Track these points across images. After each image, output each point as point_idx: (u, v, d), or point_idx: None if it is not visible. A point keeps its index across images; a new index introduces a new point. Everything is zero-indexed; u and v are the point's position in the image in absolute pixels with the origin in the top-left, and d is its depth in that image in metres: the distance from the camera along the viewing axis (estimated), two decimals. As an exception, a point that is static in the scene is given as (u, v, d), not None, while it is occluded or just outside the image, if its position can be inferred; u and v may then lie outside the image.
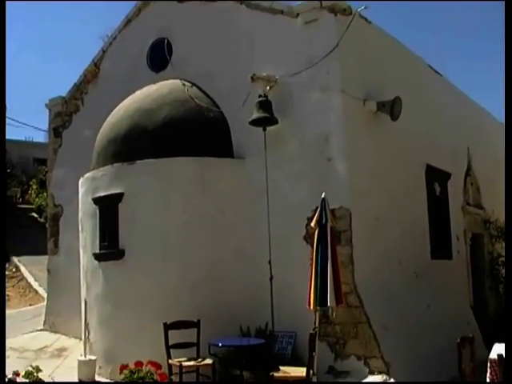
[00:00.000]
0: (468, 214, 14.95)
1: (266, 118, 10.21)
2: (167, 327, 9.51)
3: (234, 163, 11.01)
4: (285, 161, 10.44)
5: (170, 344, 9.47)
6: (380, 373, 9.29)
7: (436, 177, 13.08)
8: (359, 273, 9.81)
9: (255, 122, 10.32)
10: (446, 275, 12.77)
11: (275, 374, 8.42)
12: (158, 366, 8.16)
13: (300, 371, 8.47)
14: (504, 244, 16.04)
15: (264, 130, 10.34)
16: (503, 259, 15.75)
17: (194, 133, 10.94)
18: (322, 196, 9.12)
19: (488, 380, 6.72)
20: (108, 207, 10.97)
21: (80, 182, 12.04)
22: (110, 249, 10.89)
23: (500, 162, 18.52)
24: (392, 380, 9.15)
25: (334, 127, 10.10)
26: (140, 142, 11.01)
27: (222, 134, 11.17)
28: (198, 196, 10.54)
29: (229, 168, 10.94)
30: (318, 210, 9.10)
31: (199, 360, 9.50)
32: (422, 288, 11.45)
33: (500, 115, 19.58)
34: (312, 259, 9.06)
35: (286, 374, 8.58)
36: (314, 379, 8.81)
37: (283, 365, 8.94)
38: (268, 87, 10.42)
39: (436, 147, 13.11)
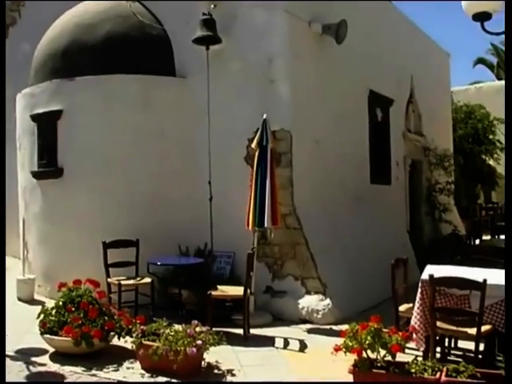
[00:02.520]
0: (408, 141, 15.14)
1: (210, 36, 10.02)
2: (106, 246, 9.49)
3: (177, 82, 10.82)
4: (227, 81, 10.33)
5: (109, 263, 9.48)
6: (316, 293, 9.52)
7: (378, 102, 13.14)
8: (299, 195, 9.90)
9: (198, 41, 10.11)
10: (384, 200, 13.00)
11: (213, 293, 8.51)
12: (96, 284, 8.13)
13: (237, 290, 8.58)
14: (441, 171, 16.47)
15: (207, 49, 10.15)
16: (440, 186, 16.16)
17: (136, 50, 10.68)
18: (264, 117, 9.11)
19: (418, 299, 6.92)
20: (46, 124, 10.74)
21: (18, 98, 11.74)
22: (48, 167, 10.73)
23: (442, 91, 18.82)
24: (328, 300, 9.39)
25: (278, 49, 10.01)
26: (80, 58, 10.70)
27: (164, 52, 10.92)
28: (139, 114, 10.38)
29: (171, 87, 10.75)
30: (259, 131, 9.11)
31: (138, 279, 9.54)
32: (360, 212, 11.63)
33: (445, 45, 19.70)
34: (252, 180, 9.11)
35: (224, 293, 8.68)
36: (252, 298, 8.98)
37: (221, 284, 9.02)
38: (212, 6, 10.19)
39: (380, 73, 13.12)
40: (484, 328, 6.49)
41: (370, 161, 12.70)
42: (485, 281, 6.29)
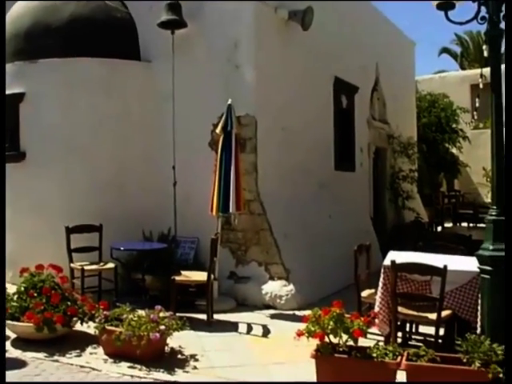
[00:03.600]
0: (373, 128, 15.22)
1: (175, 20, 9.97)
2: (69, 231, 9.42)
3: (141, 66, 10.73)
4: (193, 66, 10.27)
5: (72, 248, 9.41)
6: (280, 279, 9.57)
7: (343, 89, 13.16)
8: (263, 181, 9.92)
9: (164, 25, 10.05)
10: (348, 187, 13.08)
11: (176, 278, 8.50)
12: (59, 269, 8.06)
13: (201, 276, 8.59)
14: (405, 159, 16.61)
15: (172, 33, 10.10)
16: (403, 173, 16.31)
17: (100, 33, 10.57)
18: (229, 102, 9.10)
19: (380, 285, 6.99)
20: (8, 107, 10.54)
21: (-22, 79, 11.53)
22: (10, 151, 10.54)
23: (406, 80, 18.96)
24: (291, 286, 9.44)
25: (244, 34, 9.99)
26: (43, 40, 10.53)
27: (129, 35, 10.81)
28: (103, 98, 10.30)
29: (136, 71, 10.67)
30: (224, 116, 9.10)
31: (101, 264, 9.50)
32: (324, 198, 11.68)
33: (410, 34, 19.84)
34: (216, 166, 9.10)
35: (187, 278, 8.68)
36: (215, 284, 8.99)
37: (185, 270, 9.04)
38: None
39: (345, 60, 13.15)
40: (444, 313, 6.59)
41: (335, 148, 12.74)
42: (445, 267, 6.38)
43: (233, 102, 9.17)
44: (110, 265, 9.32)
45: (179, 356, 6.99)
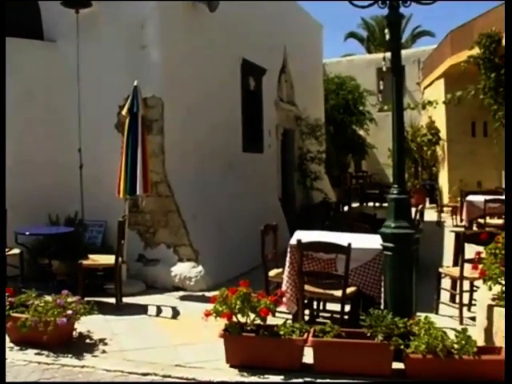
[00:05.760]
0: (281, 110, 15.36)
1: (79, -1, 9.76)
2: (-29, 216, 9.14)
3: (45, 46, 10.41)
4: (98, 47, 10.08)
5: (-27, 233, 9.14)
6: (189, 260, 9.60)
7: (251, 71, 13.22)
8: (171, 162, 9.88)
9: (67, 4, 9.81)
10: (256, 168, 13.18)
11: (84, 262, 8.41)
12: (-42, 256, 7.85)
13: (109, 259, 8.51)
14: (313, 140, 16.84)
15: (77, 12, 9.87)
16: (311, 155, 16.55)
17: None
18: (135, 84, 9.00)
19: (287, 263, 7.09)
20: None
21: None
22: None
23: (314, 62, 19.20)
24: (200, 267, 9.47)
25: (150, 15, 9.89)
26: None
27: (31, 13, 10.47)
28: (6, 78, 9.93)
29: (39, 50, 10.35)
30: (130, 98, 8.99)
31: (6, 250, 9.25)
32: (233, 179, 11.74)
33: (318, 17, 20.07)
34: (122, 148, 9.00)
35: (95, 262, 8.61)
36: (124, 267, 8.93)
37: (93, 253, 8.95)
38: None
39: (253, 42, 13.20)
40: (349, 290, 6.77)
41: (243, 129, 12.80)
42: (349, 245, 6.54)
43: (139, 83, 9.07)
44: (15, 250, 9.08)
45: (88, 340, 6.92)
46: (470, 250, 7.30)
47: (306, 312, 7.27)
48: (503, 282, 6.05)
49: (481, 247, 6.84)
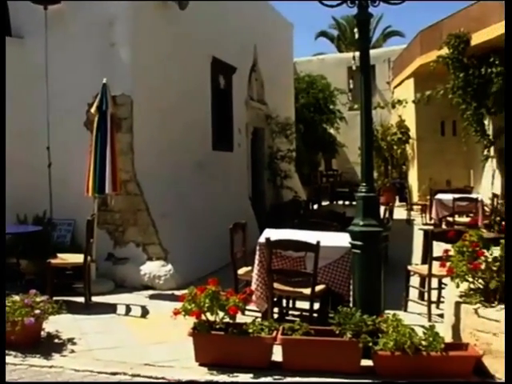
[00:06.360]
0: (251, 109, 15.37)
1: (47, -5, 9.67)
2: None
3: (12, 42, 10.24)
4: (67, 44, 10.01)
5: None
6: (158, 259, 9.58)
7: (221, 70, 13.20)
8: (140, 161, 9.84)
9: (36, 0, 9.71)
10: (226, 167, 13.18)
11: (52, 261, 8.35)
12: None
13: (78, 258, 8.45)
14: (283, 139, 16.88)
15: (45, 8, 9.78)
16: (282, 153, 16.60)
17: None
18: (104, 82, 8.95)
19: (257, 262, 7.10)
20: None
21: None
22: None
23: (285, 61, 19.24)
24: (169, 266, 9.45)
25: (120, 12, 9.84)
26: None
27: (-2, 10, 10.37)
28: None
29: (6, 47, 10.22)
30: (99, 96, 8.95)
31: (-29, 249, 9.16)
32: (203, 178, 11.71)
33: (289, 16, 20.12)
34: (91, 146, 8.94)
35: (63, 261, 8.55)
36: (93, 266, 8.89)
37: (62, 252, 8.89)
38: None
39: (223, 41, 13.19)
40: (318, 288, 6.80)
41: (213, 127, 12.77)
42: (318, 243, 6.57)
43: (108, 81, 9.03)
44: (-18, 250, 8.99)
45: (56, 340, 6.86)
46: (440, 248, 7.36)
47: (276, 310, 7.29)
48: (470, 280, 6.14)
49: (449, 245, 6.90)
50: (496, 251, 6.12)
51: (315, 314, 6.95)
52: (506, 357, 4.99)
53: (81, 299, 8.36)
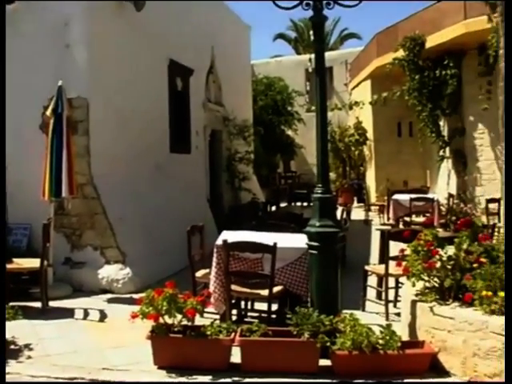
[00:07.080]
0: (208, 111, 15.35)
1: (1, -5, 9.52)
2: None
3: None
4: (21, 45, 9.87)
5: None
6: (116, 262, 9.52)
7: (178, 72, 13.18)
8: (97, 164, 9.77)
9: (-11, 0, 9.57)
10: (184, 169, 13.15)
11: (8, 266, 8.19)
12: None
13: (34, 262, 8.35)
14: (241, 141, 16.89)
15: (-1, 9, 9.64)
16: (240, 155, 16.63)
17: None
18: (59, 84, 8.87)
19: (214, 264, 7.11)
20: None
21: None
22: None
23: (242, 63, 19.26)
24: (128, 269, 9.41)
25: (75, 12, 9.75)
26: None
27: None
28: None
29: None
30: (54, 98, 8.87)
31: None
32: (160, 181, 11.67)
33: (246, 18, 20.14)
34: (47, 149, 8.85)
35: (19, 266, 8.44)
36: (50, 270, 8.79)
37: (18, 257, 8.76)
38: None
39: (180, 43, 13.17)
40: (276, 289, 6.84)
41: (170, 130, 12.74)
42: (275, 244, 6.61)
43: (64, 83, 8.95)
44: None
45: (12, 346, 6.74)
46: (397, 248, 7.44)
47: (234, 312, 7.31)
48: (426, 278, 6.23)
49: (406, 245, 6.99)
50: (450, 250, 6.22)
51: (273, 315, 6.98)
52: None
53: (38, 304, 8.27)
